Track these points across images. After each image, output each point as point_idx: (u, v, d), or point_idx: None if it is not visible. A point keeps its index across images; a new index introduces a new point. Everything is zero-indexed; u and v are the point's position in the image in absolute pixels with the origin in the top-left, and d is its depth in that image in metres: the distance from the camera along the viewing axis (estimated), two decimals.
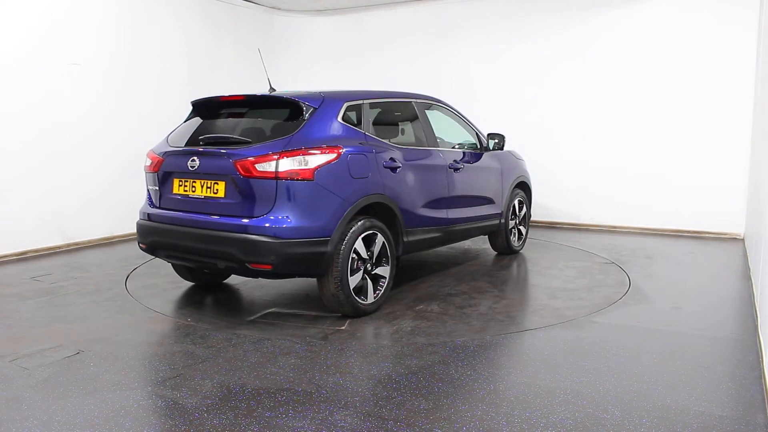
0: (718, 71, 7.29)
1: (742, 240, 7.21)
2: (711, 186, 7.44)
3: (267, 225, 3.94)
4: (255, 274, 4.17)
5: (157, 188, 4.58)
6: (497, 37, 8.60)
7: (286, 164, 3.95)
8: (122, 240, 7.18)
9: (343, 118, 4.42)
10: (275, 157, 3.95)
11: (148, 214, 4.61)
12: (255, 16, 9.27)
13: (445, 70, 8.90)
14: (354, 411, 2.89)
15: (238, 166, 4.01)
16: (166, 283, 5.35)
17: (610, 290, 5.04)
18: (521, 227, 6.57)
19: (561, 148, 8.18)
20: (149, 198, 4.71)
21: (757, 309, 4.23)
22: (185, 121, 4.84)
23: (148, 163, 4.66)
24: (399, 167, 4.65)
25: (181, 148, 4.47)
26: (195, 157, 4.27)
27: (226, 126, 4.53)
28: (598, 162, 8.07)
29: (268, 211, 3.97)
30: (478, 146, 5.89)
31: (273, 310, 4.61)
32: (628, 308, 4.56)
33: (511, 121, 8.21)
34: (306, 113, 4.25)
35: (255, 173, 3.97)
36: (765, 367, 3.24)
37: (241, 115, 4.60)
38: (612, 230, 8.02)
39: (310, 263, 4.05)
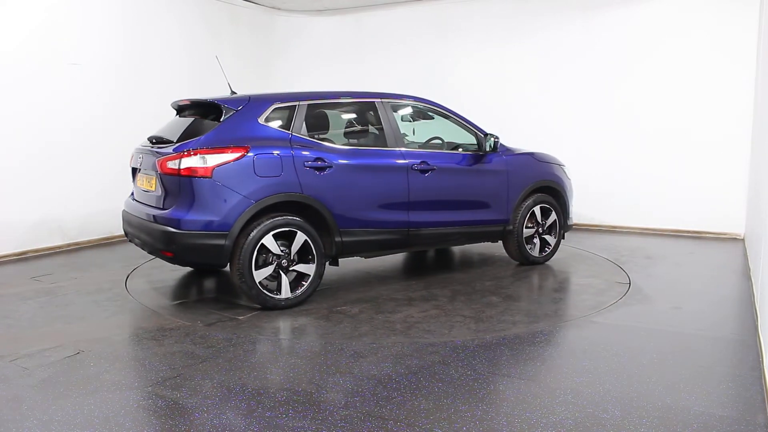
0: (718, 71, 7.28)
1: (742, 240, 7.20)
2: (711, 186, 7.43)
3: (171, 217, 4.35)
4: (167, 260, 4.63)
5: (132, 181, 5.19)
6: (497, 37, 8.59)
7: (187, 162, 4.31)
8: (122, 240, 7.15)
9: (266, 119, 4.66)
10: (179, 155, 4.34)
11: (127, 204, 5.18)
12: (255, 16, 9.27)
13: (445, 69, 8.90)
14: (354, 411, 2.89)
15: (158, 164, 4.47)
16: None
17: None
18: (547, 236, 5.98)
19: (561, 148, 8.12)
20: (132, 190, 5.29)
21: (757, 309, 4.23)
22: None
23: (130, 159, 5.26)
24: (329, 167, 4.68)
25: (139, 147, 5.02)
26: (141, 155, 4.87)
27: (174, 127, 4.88)
28: (597, 162, 8.06)
29: (175, 204, 4.39)
30: (478, 148, 5.72)
31: (212, 295, 5.09)
32: (628, 308, 4.55)
33: (511, 121, 8.19)
34: (225, 115, 4.58)
35: (167, 170, 4.40)
36: (765, 367, 3.24)
37: (187, 117, 4.98)
38: (612, 230, 8.02)
39: (208, 254, 4.36)
